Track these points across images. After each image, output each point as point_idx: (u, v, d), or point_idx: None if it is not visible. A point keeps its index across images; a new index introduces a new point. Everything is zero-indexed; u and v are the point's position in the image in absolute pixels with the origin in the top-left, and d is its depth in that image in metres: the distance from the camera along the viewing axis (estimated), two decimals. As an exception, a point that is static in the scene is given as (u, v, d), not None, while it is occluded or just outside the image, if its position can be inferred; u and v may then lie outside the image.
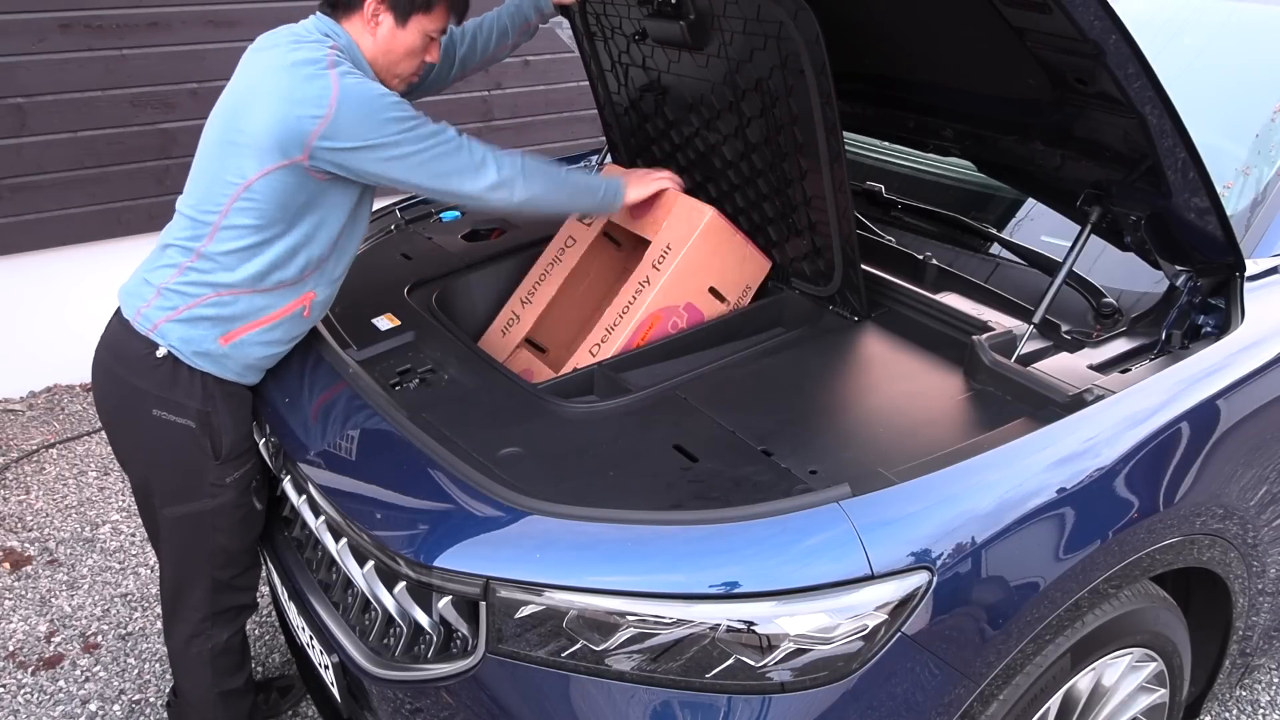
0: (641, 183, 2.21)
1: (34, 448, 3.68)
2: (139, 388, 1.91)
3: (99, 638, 2.78)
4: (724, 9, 1.98)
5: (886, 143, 2.68)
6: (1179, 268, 1.84)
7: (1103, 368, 1.75)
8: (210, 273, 1.87)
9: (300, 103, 1.76)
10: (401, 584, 1.59)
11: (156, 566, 2.18)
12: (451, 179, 1.88)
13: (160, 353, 1.89)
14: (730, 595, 1.38)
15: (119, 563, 3.08)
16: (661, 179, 2.25)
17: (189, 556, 2.04)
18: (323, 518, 1.77)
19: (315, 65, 1.79)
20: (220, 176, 1.84)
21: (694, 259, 2.12)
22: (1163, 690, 1.86)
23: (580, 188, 2.09)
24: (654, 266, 2.14)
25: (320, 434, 1.86)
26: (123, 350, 1.93)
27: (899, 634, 1.40)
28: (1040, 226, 2.24)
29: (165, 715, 2.48)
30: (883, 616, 1.39)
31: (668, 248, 2.14)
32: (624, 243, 2.47)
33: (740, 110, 2.13)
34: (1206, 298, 1.83)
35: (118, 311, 1.97)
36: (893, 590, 1.39)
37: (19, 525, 3.25)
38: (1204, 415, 1.69)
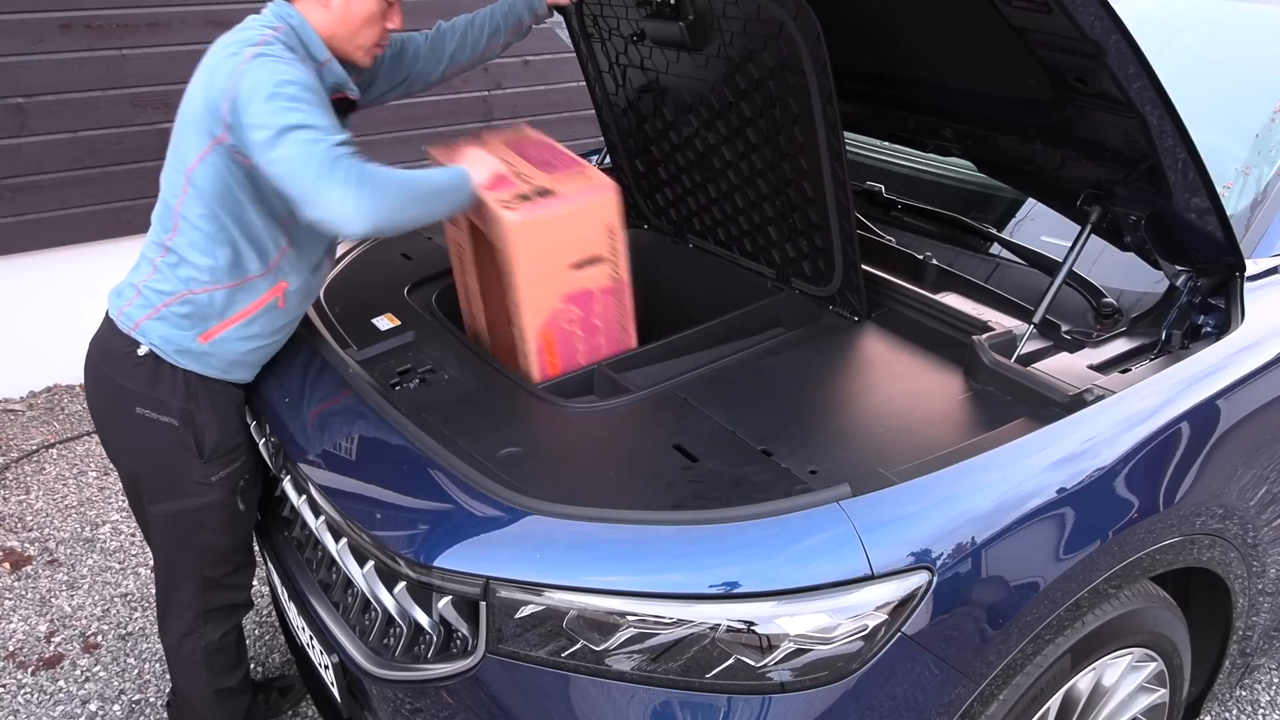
0: (471, 163, 1.97)
1: (34, 448, 3.68)
2: (123, 386, 1.93)
3: (99, 638, 2.78)
4: (724, 9, 1.98)
5: (886, 143, 2.68)
6: (1179, 268, 1.84)
7: (1103, 368, 1.75)
8: (178, 267, 1.88)
9: (218, 79, 1.75)
10: (401, 584, 1.59)
11: (156, 566, 2.19)
12: (295, 184, 1.68)
13: (142, 351, 1.90)
14: (730, 595, 1.38)
15: (119, 563, 3.08)
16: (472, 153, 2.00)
17: (178, 554, 2.04)
18: (323, 518, 1.77)
19: (242, 45, 1.77)
20: (174, 165, 1.86)
21: (531, 269, 1.91)
22: (1163, 690, 1.86)
23: (432, 194, 1.84)
24: (509, 296, 1.99)
25: (320, 434, 1.86)
26: (108, 349, 1.95)
27: (899, 634, 1.40)
28: (1040, 226, 2.24)
29: (165, 715, 2.48)
30: (883, 616, 1.39)
31: (503, 270, 1.96)
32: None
33: (740, 110, 2.13)
34: (1206, 298, 1.83)
35: (107, 311, 1.98)
36: (893, 590, 1.39)
37: (19, 525, 3.25)
38: (1204, 415, 1.69)
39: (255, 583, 2.87)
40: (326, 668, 1.83)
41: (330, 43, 1.88)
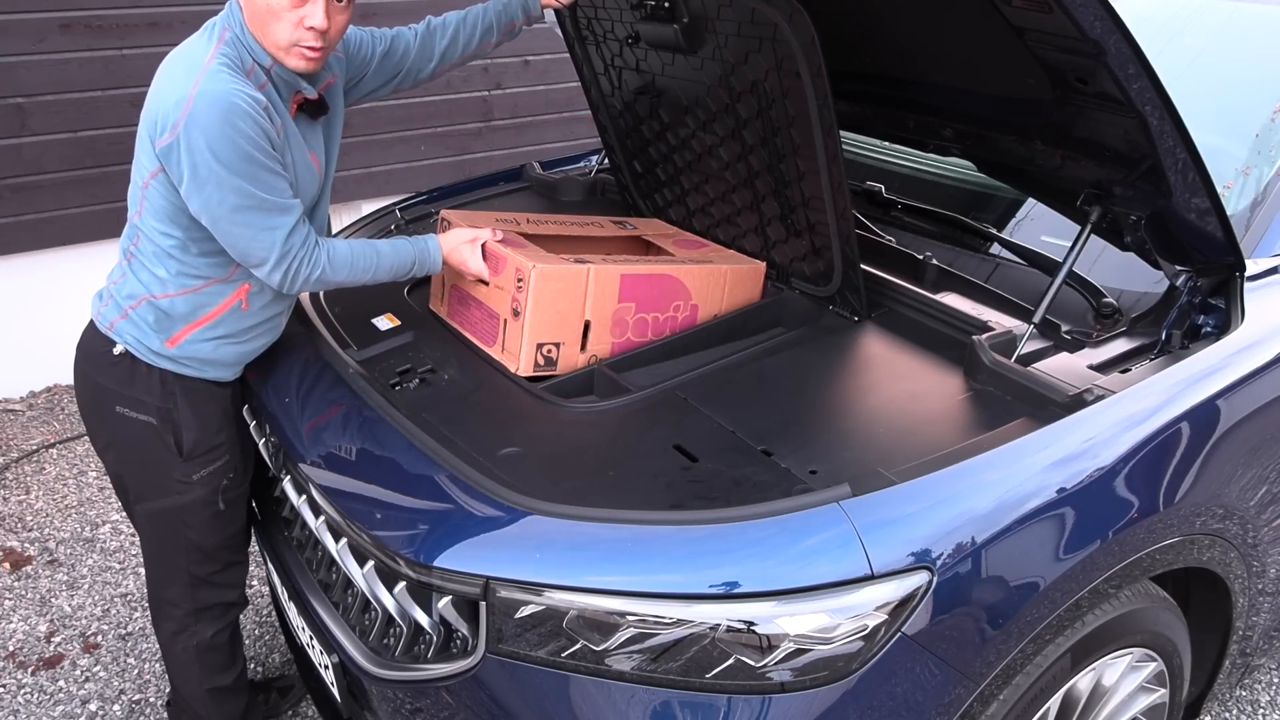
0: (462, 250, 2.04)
1: (34, 448, 3.68)
2: (103, 385, 1.94)
3: (99, 638, 2.78)
4: (717, 12, 1.98)
5: (886, 143, 2.68)
6: (1179, 268, 1.84)
7: (1103, 368, 1.75)
8: (140, 273, 1.89)
9: (161, 106, 1.72)
10: (401, 584, 1.59)
11: (156, 566, 2.20)
12: (239, 254, 1.80)
13: (117, 350, 1.92)
14: (730, 595, 1.38)
15: (119, 563, 3.08)
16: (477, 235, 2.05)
17: (164, 552, 2.05)
18: (323, 518, 1.77)
19: (189, 63, 1.73)
20: (134, 178, 1.86)
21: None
22: (1163, 690, 1.86)
23: (387, 268, 1.97)
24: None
25: (320, 434, 1.86)
26: (89, 349, 1.97)
27: (899, 634, 1.40)
28: (1040, 226, 2.24)
29: (165, 715, 2.48)
30: (883, 616, 1.39)
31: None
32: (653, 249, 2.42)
33: (736, 112, 2.13)
34: (1206, 298, 1.83)
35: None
36: (893, 590, 1.39)
37: (19, 525, 3.25)
38: (1204, 415, 1.69)
39: (255, 583, 2.89)
40: (326, 668, 1.83)
41: (260, 43, 1.78)
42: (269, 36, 1.77)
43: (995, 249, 2.24)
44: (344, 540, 1.70)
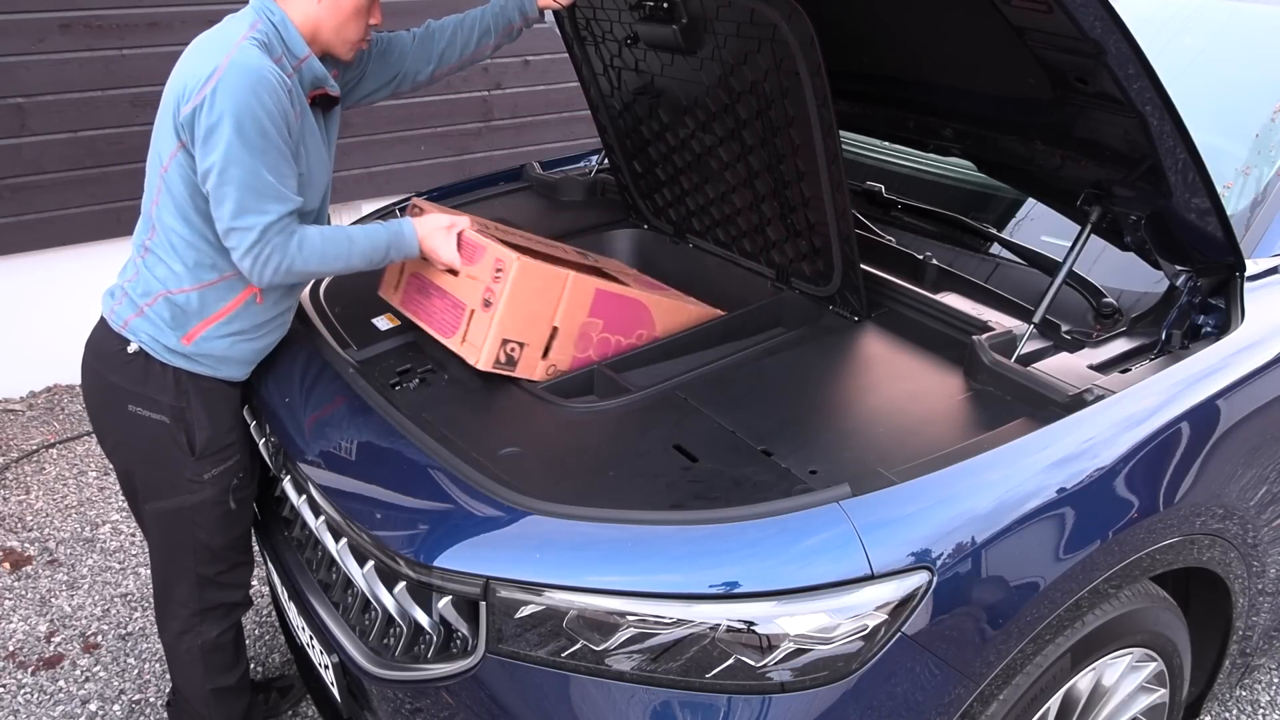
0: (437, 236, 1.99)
1: (34, 448, 3.68)
2: (115, 384, 1.94)
3: (99, 638, 2.78)
4: (716, 13, 1.98)
5: (886, 143, 2.68)
6: (1179, 268, 1.84)
7: (1103, 368, 1.75)
8: (156, 268, 1.90)
9: (190, 78, 1.75)
10: (401, 584, 1.59)
11: (155, 566, 2.19)
12: (220, 221, 1.78)
13: (132, 348, 1.91)
14: (730, 595, 1.38)
15: (119, 563, 3.08)
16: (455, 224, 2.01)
17: (172, 552, 2.05)
18: (323, 518, 1.77)
19: (221, 42, 1.77)
20: (152, 166, 1.87)
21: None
22: (1163, 690, 1.86)
23: (361, 254, 1.92)
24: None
25: (320, 434, 1.86)
26: (100, 347, 1.96)
27: (899, 634, 1.40)
28: (1040, 226, 2.24)
29: (165, 715, 2.48)
30: (883, 616, 1.39)
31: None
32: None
33: (736, 112, 2.13)
34: (1206, 298, 1.83)
35: (101, 311, 2.00)
36: (893, 590, 1.39)
37: (19, 525, 3.25)
38: (1204, 415, 1.69)
39: (255, 583, 2.89)
40: (326, 668, 1.83)
41: (315, 35, 1.87)
42: (344, 35, 1.89)
43: (995, 249, 2.24)
44: (344, 540, 1.70)
